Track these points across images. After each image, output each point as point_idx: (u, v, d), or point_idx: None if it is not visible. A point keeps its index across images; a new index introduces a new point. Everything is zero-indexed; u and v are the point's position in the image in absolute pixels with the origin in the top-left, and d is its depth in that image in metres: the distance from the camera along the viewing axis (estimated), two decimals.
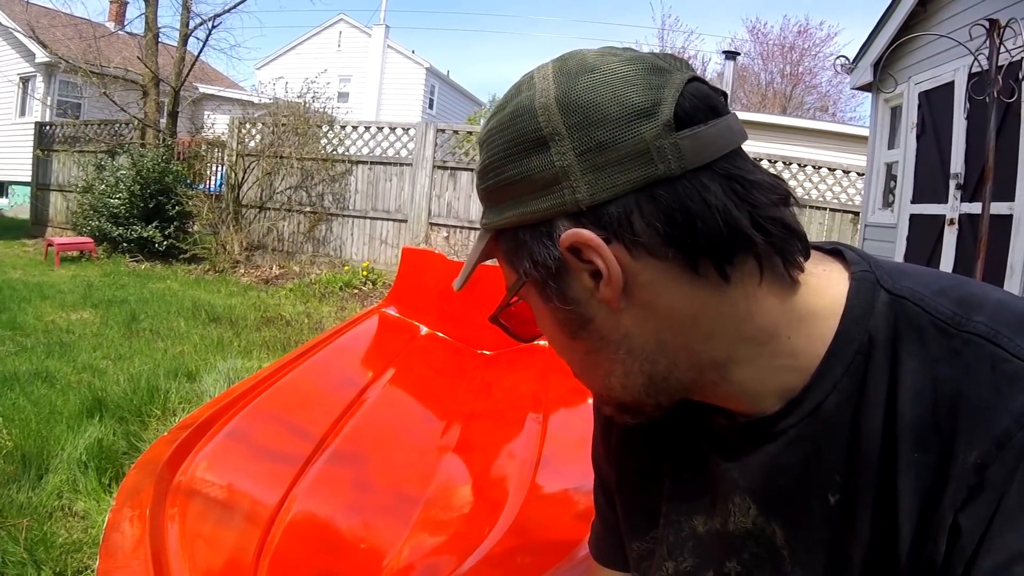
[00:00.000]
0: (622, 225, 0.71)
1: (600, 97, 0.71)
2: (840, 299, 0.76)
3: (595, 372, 0.83)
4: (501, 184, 0.78)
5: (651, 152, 0.69)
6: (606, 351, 0.79)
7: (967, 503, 0.63)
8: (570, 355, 0.85)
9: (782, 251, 0.74)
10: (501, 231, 0.81)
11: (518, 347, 4.38)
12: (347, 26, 34.39)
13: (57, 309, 8.46)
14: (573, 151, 0.71)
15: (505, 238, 0.81)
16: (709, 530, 0.86)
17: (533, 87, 0.75)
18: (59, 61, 16.96)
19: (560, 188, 0.72)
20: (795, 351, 0.75)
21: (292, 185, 13.34)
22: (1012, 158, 5.96)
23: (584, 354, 0.82)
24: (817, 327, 0.75)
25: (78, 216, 14.44)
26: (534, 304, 0.84)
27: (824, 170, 11.60)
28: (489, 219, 0.82)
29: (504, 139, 0.76)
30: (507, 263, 0.83)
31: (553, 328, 0.83)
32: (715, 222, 0.70)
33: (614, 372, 0.80)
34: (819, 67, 34.59)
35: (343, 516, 2.40)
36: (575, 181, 0.71)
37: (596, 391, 0.89)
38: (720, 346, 0.75)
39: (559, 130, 0.71)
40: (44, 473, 3.86)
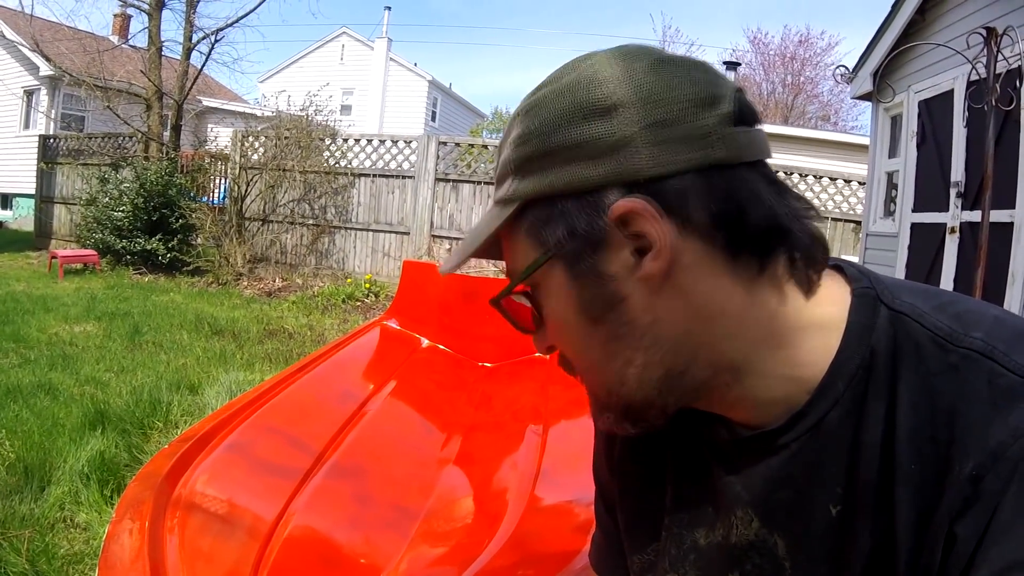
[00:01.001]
0: (679, 200, 0.71)
1: (669, 78, 0.73)
2: (842, 313, 0.77)
3: (611, 363, 0.79)
4: (550, 148, 0.75)
5: (712, 137, 0.72)
6: (630, 337, 0.76)
7: (962, 513, 0.64)
8: (585, 344, 0.80)
9: (811, 257, 0.77)
10: (533, 201, 0.78)
11: (519, 359, 4.39)
12: (350, 39, 34.47)
13: (61, 321, 8.48)
14: (638, 123, 0.71)
15: (536, 209, 0.78)
16: (711, 543, 0.86)
17: (593, 65, 0.76)
18: (63, 74, 16.99)
19: (619, 156, 0.72)
20: (803, 361, 0.76)
21: (295, 198, 13.37)
22: (1012, 166, 5.95)
23: (604, 342, 0.78)
24: (823, 339, 0.76)
25: (82, 229, 14.47)
26: (552, 286, 0.79)
27: (826, 179, 11.60)
28: (519, 189, 0.79)
29: (561, 105, 0.75)
30: (530, 238, 0.79)
31: (573, 312, 0.78)
32: (762, 215, 0.73)
33: (633, 362, 0.77)
34: (820, 76, 34.58)
35: (342, 530, 2.40)
36: (637, 151, 0.71)
37: (606, 388, 0.82)
38: (740, 346, 0.76)
39: (625, 101, 0.72)
40: (46, 485, 3.88)
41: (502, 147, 0.83)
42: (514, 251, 0.83)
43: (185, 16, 15.75)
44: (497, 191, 0.84)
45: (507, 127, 0.83)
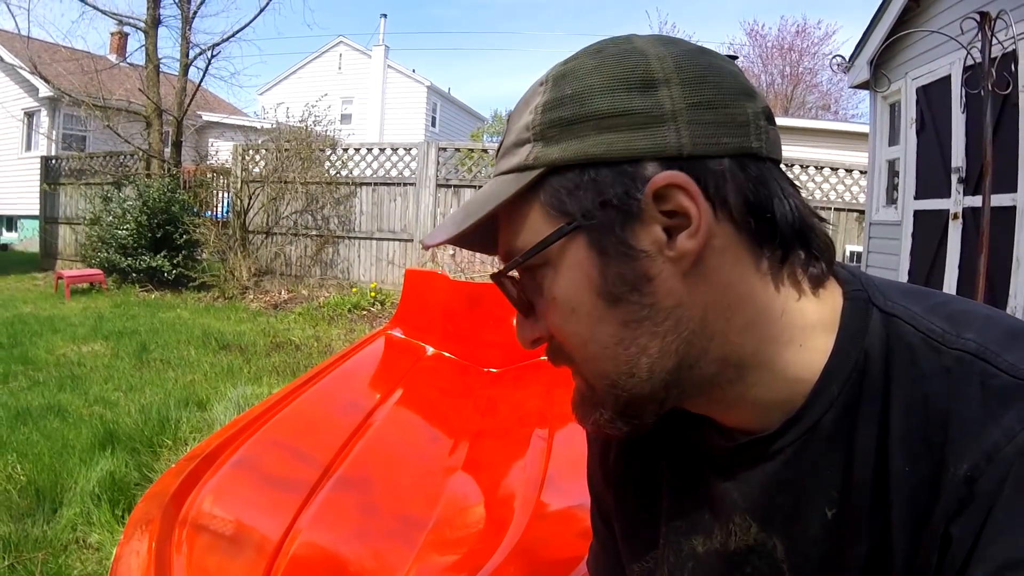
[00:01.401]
0: (716, 182, 0.71)
1: (712, 64, 0.75)
2: (835, 316, 0.78)
3: (624, 350, 0.75)
4: (587, 115, 0.72)
5: (750, 127, 0.73)
6: (650, 321, 0.74)
7: (957, 514, 0.64)
8: (597, 329, 0.75)
9: (826, 258, 0.78)
10: (559, 169, 0.74)
11: (524, 363, 4.39)
12: (347, 48, 34.54)
13: (68, 342, 8.51)
14: (683, 100, 0.71)
15: (561, 176, 0.74)
16: (708, 550, 0.86)
17: (634, 41, 0.76)
18: (62, 95, 17.07)
19: (662, 130, 0.71)
20: (802, 362, 0.76)
21: (298, 209, 13.40)
22: (1012, 149, 5.94)
23: (621, 325, 0.74)
24: (819, 341, 0.76)
25: (87, 248, 14.55)
26: (569, 261, 0.75)
27: (827, 170, 11.59)
28: (544, 154, 0.74)
29: (603, 74, 0.73)
30: (550, 207, 0.75)
31: (590, 290, 0.74)
32: (789, 210, 0.74)
33: (648, 351, 0.74)
34: (819, 66, 34.54)
35: (349, 542, 2.41)
36: (679, 128, 0.71)
37: (611, 379, 0.77)
38: (751, 341, 0.76)
39: (670, 78, 0.72)
40: (58, 507, 3.90)
41: (515, 116, 0.80)
42: (521, 225, 0.77)
43: (181, 33, 15.81)
44: (506, 160, 0.79)
45: (525, 95, 0.80)
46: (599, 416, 0.80)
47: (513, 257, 0.78)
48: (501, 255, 0.82)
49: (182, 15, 15.73)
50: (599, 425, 0.81)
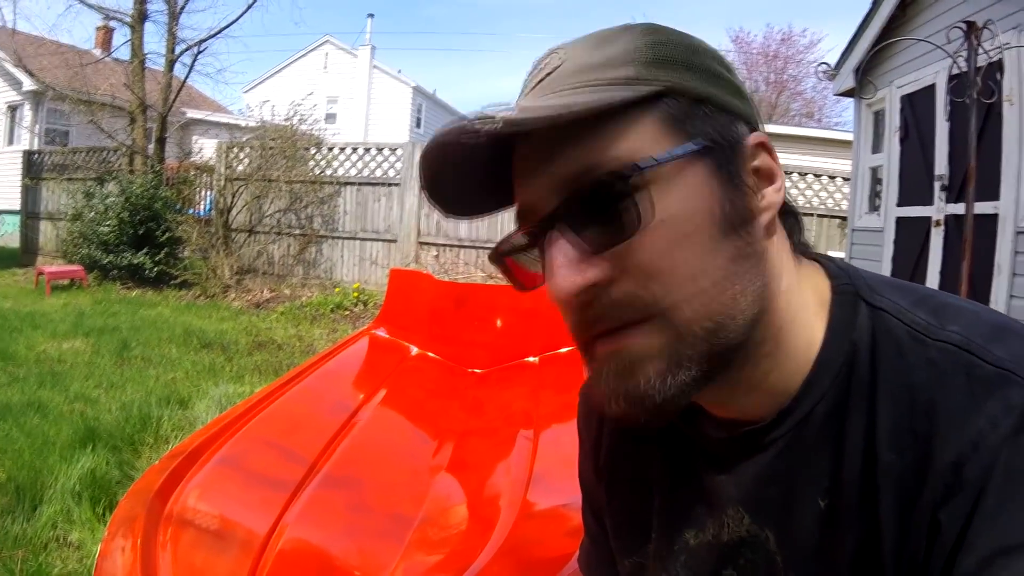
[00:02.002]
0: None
1: None
2: (825, 308, 0.79)
3: (730, 287, 0.71)
4: (697, 64, 0.74)
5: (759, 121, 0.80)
6: (751, 260, 0.73)
7: (946, 502, 0.65)
8: (710, 260, 0.70)
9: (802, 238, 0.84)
10: (680, 92, 0.72)
11: (509, 364, 4.39)
12: (333, 48, 34.49)
13: (49, 338, 8.45)
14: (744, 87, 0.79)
15: (680, 102, 0.72)
16: (701, 542, 0.87)
17: None
18: (46, 89, 16.97)
19: (745, 103, 0.77)
20: (803, 347, 0.77)
21: (281, 208, 13.35)
22: (995, 157, 6.00)
23: (730, 260, 0.71)
24: (814, 329, 0.78)
25: (68, 244, 14.45)
26: (688, 183, 0.70)
27: (810, 176, 11.64)
28: (661, 75, 0.71)
29: (694, 42, 0.77)
30: (672, 124, 0.71)
31: (707, 217, 0.70)
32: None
33: (747, 291, 0.72)
34: (803, 74, 34.77)
35: (336, 540, 2.40)
36: (749, 105, 0.78)
37: (715, 321, 0.70)
38: (790, 308, 0.77)
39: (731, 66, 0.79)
40: (38, 504, 3.87)
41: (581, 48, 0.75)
42: (622, 135, 0.70)
43: (168, 28, 15.73)
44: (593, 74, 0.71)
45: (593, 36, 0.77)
46: (682, 377, 0.71)
47: (609, 166, 0.69)
48: (573, 174, 0.70)
49: (169, 10, 15.66)
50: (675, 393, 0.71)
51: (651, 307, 0.70)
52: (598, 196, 0.69)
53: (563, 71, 0.73)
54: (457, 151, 0.72)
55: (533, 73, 0.78)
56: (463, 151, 0.71)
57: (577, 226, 0.71)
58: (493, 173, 0.78)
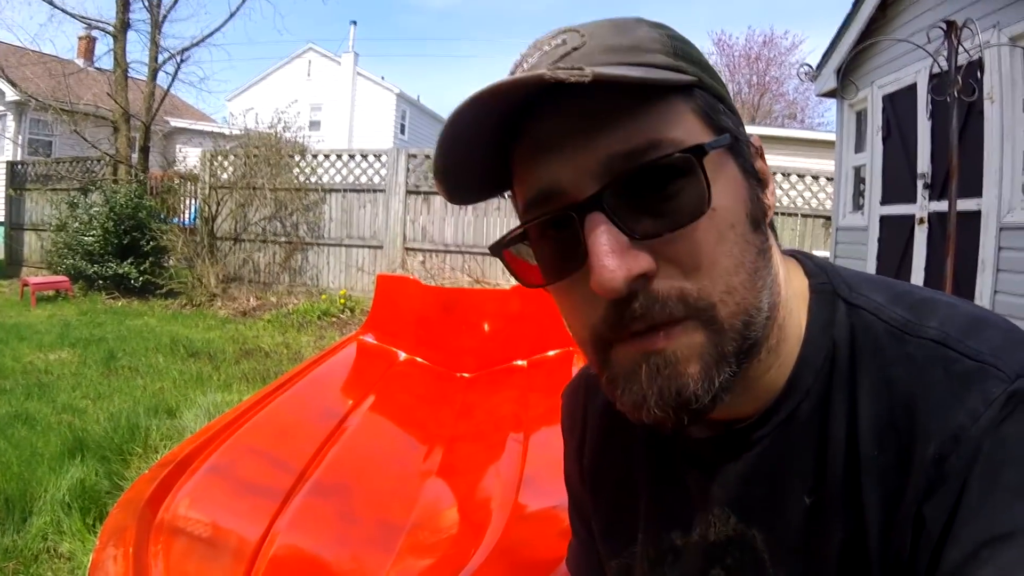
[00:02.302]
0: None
1: None
2: (804, 307, 0.80)
3: (759, 279, 0.71)
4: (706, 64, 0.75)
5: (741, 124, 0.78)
6: (768, 254, 0.73)
7: (928, 495, 0.65)
8: (747, 252, 0.70)
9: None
10: (705, 87, 0.72)
11: (497, 368, 4.40)
12: (316, 55, 34.40)
13: (35, 350, 8.39)
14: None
15: (705, 96, 0.71)
16: (688, 542, 0.87)
17: None
18: (29, 99, 16.88)
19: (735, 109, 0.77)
20: (792, 341, 0.78)
21: (266, 216, 13.31)
22: (977, 155, 6.04)
23: (758, 253, 0.71)
24: (800, 326, 0.79)
25: (53, 255, 14.34)
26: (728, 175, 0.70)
27: (794, 176, 11.67)
28: (691, 69, 0.71)
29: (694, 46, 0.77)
30: (706, 115, 0.70)
31: (742, 210, 0.70)
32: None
33: (767, 284, 0.72)
34: (785, 76, 34.89)
35: (327, 547, 2.40)
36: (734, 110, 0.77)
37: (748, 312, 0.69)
38: (782, 303, 0.77)
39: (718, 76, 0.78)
40: (28, 516, 3.84)
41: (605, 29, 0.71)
42: (666, 120, 0.67)
43: (150, 37, 15.66)
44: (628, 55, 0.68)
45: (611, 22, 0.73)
46: (725, 375, 0.69)
47: (655, 150, 0.66)
48: (624, 151, 0.66)
49: (152, 19, 15.60)
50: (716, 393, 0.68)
51: (697, 302, 0.67)
52: (658, 176, 0.66)
53: (591, 48, 0.69)
54: (469, 126, 0.67)
55: (546, 51, 0.71)
56: (474, 127, 0.67)
57: (625, 209, 0.66)
58: (491, 159, 0.74)
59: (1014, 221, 5.79)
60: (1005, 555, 0.60)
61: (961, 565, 0.62)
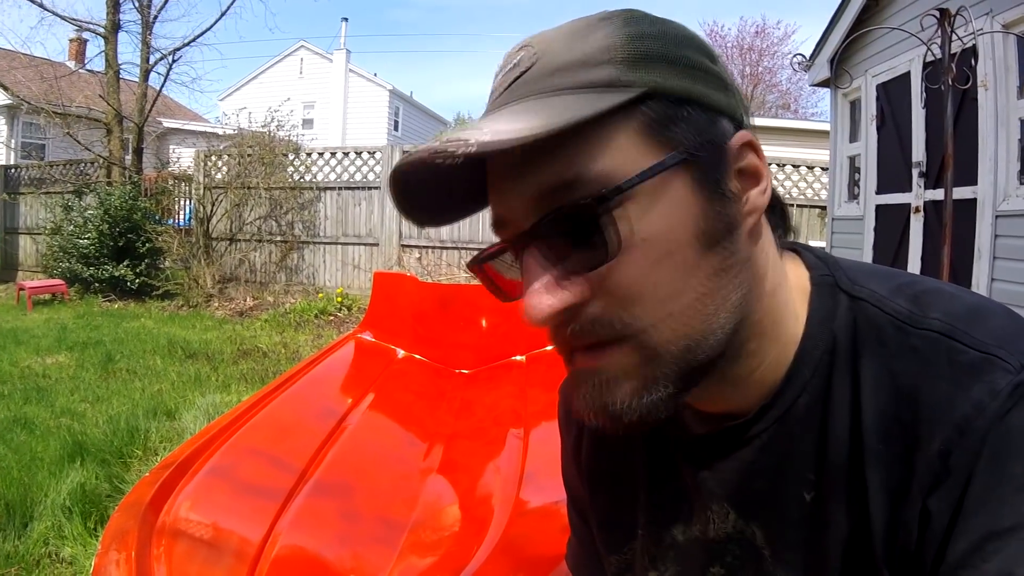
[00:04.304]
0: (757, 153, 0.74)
1: None
2: (804, 300, 0.79)
3: (711, 302, 0.69)
4: (677, 58, 0.70)
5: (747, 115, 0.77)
6: (733, 271, 0.70)
7: (934, 488, 0.65)
8: (691, 277, 0.68)
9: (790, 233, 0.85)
10: (660, 95, 0.68)
11: (496, 364, 4.39)
12: (308, 53, 34.34)
13: (32, 354, 8.39)
14: (729, 77, 0.75)
15: (659, 104, 0.68)
16: (689, 538, 0.87)
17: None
18: (21, 103, 16.84)
19: (727, 95, 0.73)
20: (790, 339, 0.78)
21: (261, 215, 13.32)
22: (971, 143, 6.05)
23: (711, 275, 0.69)
24: (796, 322, 0.78)
25: (48, 258, 14.35)
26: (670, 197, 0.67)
27: (789, 167, 11.69)
28: (642, 76, 0.68)
29: (676, 32, 0.72)
30: (651, 133, 0.67)
31: (689, 233, 0.68)
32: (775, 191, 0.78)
33: (727, 303, 0.70)
34: (778, 66, 34.95)
35: (329, 547, 2.39)
36: (736, 99, 0.74)
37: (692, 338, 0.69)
38: (774, 307, 0.77)
39: (718, 57, 0.75)
40: (29, 521, 3.84)
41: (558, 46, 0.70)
42: (600, 148, 0.66)
43: (141, 38, 15.67)
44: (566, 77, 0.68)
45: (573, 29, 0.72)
46: (655, 396, 0.69)
47: (587, 186, 0.66)
48: (551, 187, 0.67)
49: (142, 20, 15.60)
50: (649, 410, 0.70)
51: (626, 328, 0.68)
52: (574, 217, 0.66)
53: (537, 71, 0.69)
54: (430, 168, 0.66)
55: (505, 71, 0.73)
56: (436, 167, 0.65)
57: (552, 246, 0.68)
58: (468, 179, 0.73)
59: (1010, 208, 5.80)
60: (1010, 548, 0.60)
61: (966, 558, 0.62)
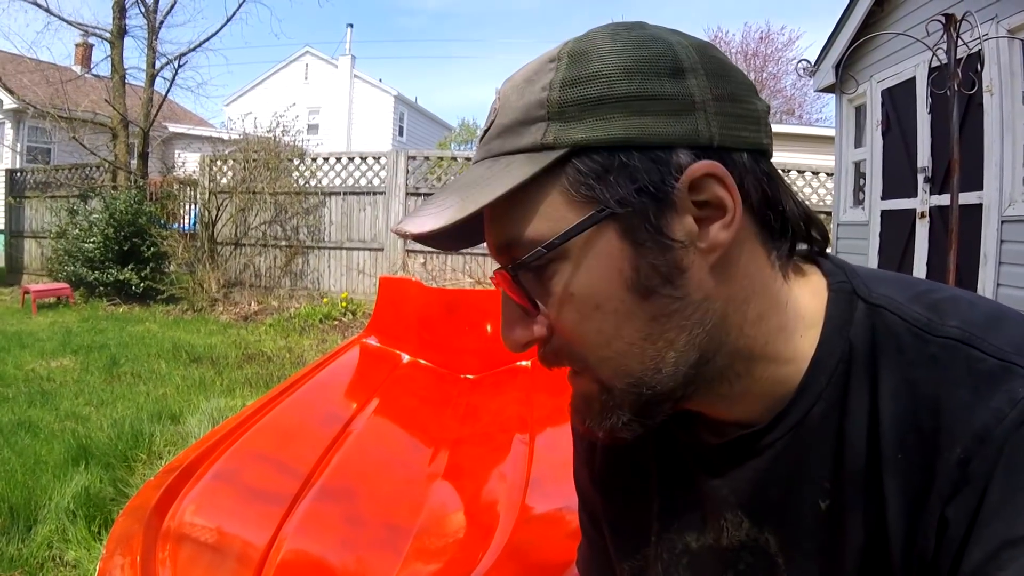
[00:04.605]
0: (740, 174, 0.71)
1: (730, 62, 0.75)
2: (821, 308, 0.78)
3: (652, 344, 0.72)
4: (617, 96, 0.68)
5: (762, 123, 0.75)
6: (680, 315, 0.71)
7: (952, 497, 0.64)
8: (623, 325, 0.71)
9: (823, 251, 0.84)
10: (588, 150, 0.69)
11: (501, 369, 4.39)
12: (313, 58, 34.45)
13: (37, 357, 8.39)
14: (708, 91, 0.70)
15: (589, 159, 0.69)
16: (702, 546, 0.86)
17: (648, 27, 0.75)
18: (27, 107, 16.85)
19: (692, 118, 0.69)
20: (796, 355, 0.76)
21: (266, 220, 13.30)
22: (977, 148, 6.04)
23: (650, 320, 0.71)
24: (810, 332, 0.77)
25: (53, 262, 14.36)
26: (598, 252, 0.70)
27: (794, 173, 11.67)
28: (567, 134, 0.69)
29: (628, 55, 0.69)
30: (576, 193, 0.69)
31: (619, 286, 0.70)
32: (795, 204, 0.77)
33: (675, 344, 0.72)
34: (783, 71, 34.84)
35: (334, 552, 2.39)
36: (708, 118, 0.70)
37: (635, 377, 0.73)
38: (763, 332, 0.76)
39: (697, 67, 0.70)
40: (33, 524, 3.83)
41: (512, 94, 0.74)
42: (532, 211, 0.71)
43: (147, 43, 15.69)
44: (507, 140, 0.73)
45: (526, 74, 0.74)
46: (615, 420, 0.76)
47: (521, 248, 0.71)
48: (498, 246, 0.75)
49: (148, 25, 15.63)
50: (614, 431, 0.77)
51: (578, 363, 0.76)
52: (514, 274, 0.73)
53: (495, 127, 0.75)
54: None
55: (486, 121, 0.79)
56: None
57: (515, 289, 0.75)
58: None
59: (1016, 214, 5.79)
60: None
61: (982, 566, 0.61)
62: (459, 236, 0.79)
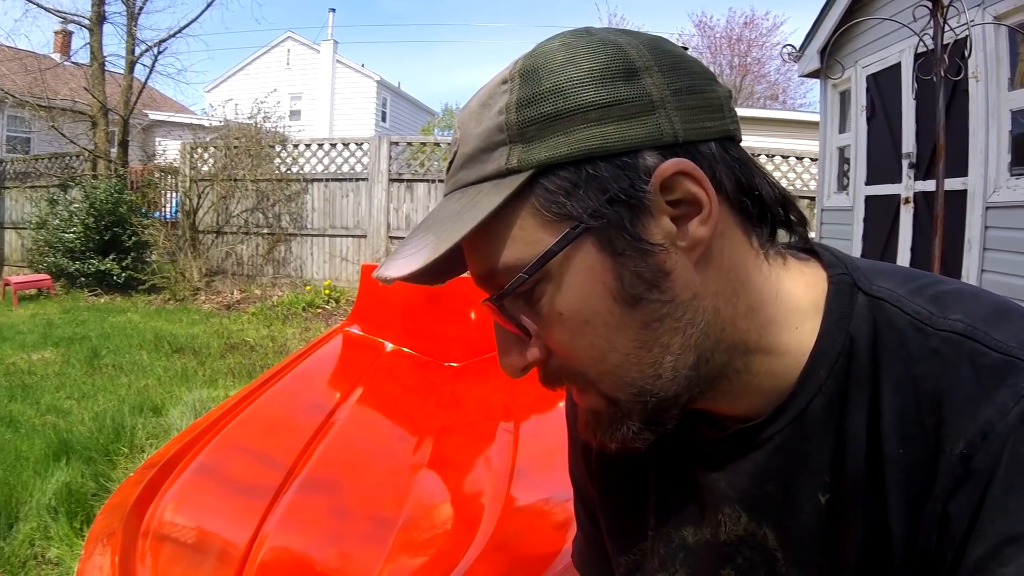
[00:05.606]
0: (712, 165, 0.70)
1: (679, 50, 0.74)
2: (820, 300, 0.77)
3: (648, 352, 0.72)
4: (572, 109, 0.68)
5: (725, 110, 0.73)
6: (671, 318, 0.71)
7: (955, 493, 0.64)
8: (616, 336, 0.71)
9: (804, 236, 0.83)
10: (552, 167, 0.69)
11: (485, 357, 4.37)
12: (295, 44, 34.25)
13: (17, 350, 8.34)
14: (666, 87, 0.69)
15: (555, 176, 0.69)
16: (699, 540, 0.86)
17: (599, 33, 0.73)
18: (5, 96, 16.76)
19: (653, 117, 0.68)
20: (798, 345, 0.76)
21: (248, 207, 13.27)
22: (962, 134, 6.06)
23: (642, 327, 0.71)
24: (809, 324, 0.76)
25: (33, 253, 14.30)
26: (578, 269, 0.70)
27: (778, 158, 11.72)
28: (530, 155, 0.69)
29: (581, 64, 0.69)
30: (548, 212, 0.69)
31: (605, 297, 0.70)
32: (770, 187, 0.75)
33: (671, 348, 0.71)
34: (767, 56, 34.93)
35: (318, 546, 2.36)
36: (668, 115, 0.69)
37: (637, 386, 0.73)
38: (755, 326, 0.75)
39: (651, 65, 0.69)
40: (14, 521, 3.81)
41: (470, 122, 0.74)
42: (507, 238, 0.71)
43: (127, 29, 15.60)
44: (472, 170, 0.73)
45: (480, 99, 0.74)
46: (626, 431, 0.76)
47: (503, 275, 0.72)
48: (481, 277, 0.75)
49: (127, 11, 15.54)
50: (626, 441, 0.77)
51: (580, 379, 0.76)
52: (499, 303, 0.74)
53: (457, 162, 0.75)
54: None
55: (450, 153, 0.78)
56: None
57: (503, 317, 0.75)
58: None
59: (1000, 200, 5.81)
60: None
61: (983, 562, 0.61)
62: (442, 270, 0.78)
